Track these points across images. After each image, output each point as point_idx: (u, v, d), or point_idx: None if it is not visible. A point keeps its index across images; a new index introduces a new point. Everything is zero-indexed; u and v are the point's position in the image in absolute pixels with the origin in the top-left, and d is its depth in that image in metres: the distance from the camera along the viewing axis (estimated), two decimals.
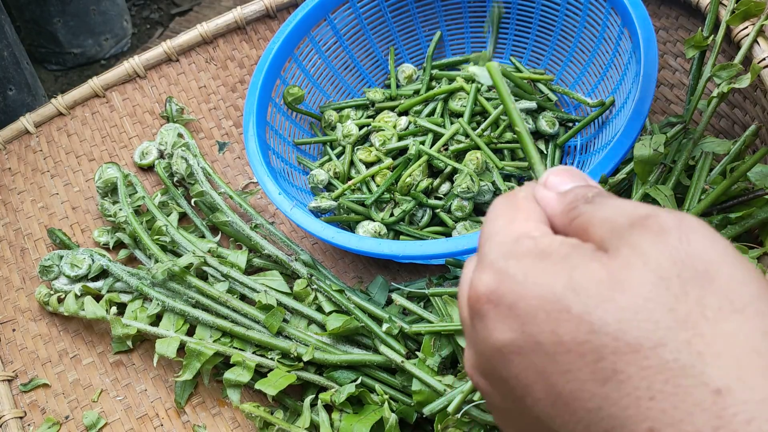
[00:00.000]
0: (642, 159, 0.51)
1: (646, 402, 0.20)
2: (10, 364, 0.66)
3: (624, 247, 0.23)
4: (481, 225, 0.64)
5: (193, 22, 1.52)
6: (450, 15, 0.77)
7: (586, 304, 0.22)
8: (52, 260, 0.68)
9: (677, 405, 0.20)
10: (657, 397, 0.20)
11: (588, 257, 0.23)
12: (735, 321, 0.20)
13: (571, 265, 0.23)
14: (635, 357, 0.20)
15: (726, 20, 0.58)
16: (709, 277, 0.21)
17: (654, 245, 0.22)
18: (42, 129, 0.79)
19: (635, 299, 0.21)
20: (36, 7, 1.39)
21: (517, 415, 0.25)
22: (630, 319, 0.21)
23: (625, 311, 0.21)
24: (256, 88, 0.67)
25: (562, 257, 0.23)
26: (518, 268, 0.24)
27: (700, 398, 0.19)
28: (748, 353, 0.20)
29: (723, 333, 0.20)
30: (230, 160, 0.78)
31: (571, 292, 0.22)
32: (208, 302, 0.62)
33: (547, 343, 0.22)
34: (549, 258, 0.24)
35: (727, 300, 0.21)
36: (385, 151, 0.69)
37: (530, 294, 0.23)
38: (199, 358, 0.59)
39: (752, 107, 0.59)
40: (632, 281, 0.21)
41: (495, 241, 0.26)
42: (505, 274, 0.24)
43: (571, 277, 0.22)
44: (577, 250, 0.24)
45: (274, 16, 0.81)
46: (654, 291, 0.21)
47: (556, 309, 0.22)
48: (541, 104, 0.69)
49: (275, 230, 0.66)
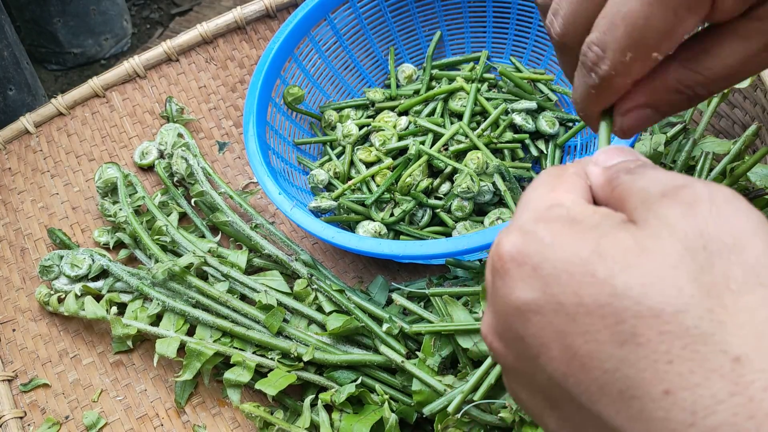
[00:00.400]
0: None
1: (664, 365, 0.20)
2: (10, 364, 0.66)
3: (653, 218, 0.23)
4: (481, 225, 0.64)
5: (193, 22, 1.52)
6: (450, 15, 0.77)
7: (611, 269, 0.22)
8: (52, 260, 0.68)
9: (694, 369, 0.20)
10: (675, 361, 0.20)
11: (617, 227, 0.23)
12: (759, 294, 0.21)
13: (600, 233, 0.23)
14: (656, 321, 0.21)
15: None
16: (737, 250, 0.21)
17: (683, 216, 0.22)
18: (42, 129, 0.79)
19: (660, 266, 0.21)
20: (36, 7, 1.39)
21: (529, 375, 0.25)
22: (654, 284, 0.21)
23: (649, 276, 0.21)
24: (256, 88, 0.67)
25: (592, 226, 0.24)
26: (547, 231, 0.24)
27: (718, 365, 0.20)
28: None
29: (746, 305, 0.20)
30: (230, 160, 0.78)
31: (597, 257, 0.23)
32: (208, 302, 0.62)
33: (569, 304, 0.22)
34: (579, 225, 0.24)
35: (753, 273, 0.21)
36: (385, 151, 0.69)
37: (556, 257, 0.23)
38: (199, 358, 0.59)
39: (752, 107, 0.59)
40: (659, 250, 0.22)
41: (529, 207, 0.26)
42: (533, 235, 0.24)
43: (598, 244, 0.23)
44: (607, 220, 0.24)
45: (274, 16, 0.81)
46: (680, 260, 0.21)
47: (581, 272, 0.22)
48: (541, 104, 0.69)
49: (275, 230, 0.66)
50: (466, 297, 0.54)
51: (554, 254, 0.23)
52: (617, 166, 0.27)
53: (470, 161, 0.63)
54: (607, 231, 0.23)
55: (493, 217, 0.63)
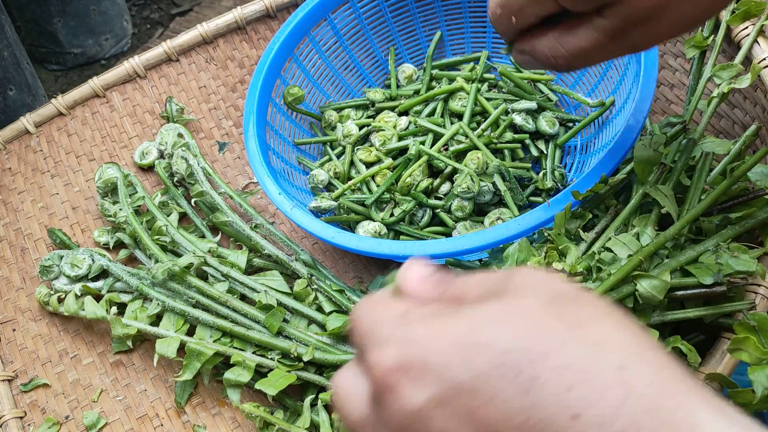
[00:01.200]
0: (642, 159, 0.51)
1: (566, 394, 0.23)
2: (10, 364, 0.66)
3: (506, 290, 0.26)
4: (481, 225, 0.64)
5: (193, 22, 1.52)
6: (450, 15, 0.77)
7: (492, 333, 0.24)
8: (53, 260, 0.68)
9: (592, 387, 0.23)
10: (574, 387, 0.23)
11: (479, 303, 0.26)
12: (611, 320, 0.25)
13: (468, 312, 0.25)
14: (547, 360, 0.23)
15: (726, 20, 0.58)
16: (579, 299, 0.26)
17: (531, 281, 0.26)
18: (42, 129, 0.79)
19: (531, 318, 0.25)
20: (36, 7, 1.39)
21: None
22: (535, 331, 0.24)
23: (528, 327, 0.24)
24: (256, 88, 0.67)
25: (455, 310, 0.26)
26: (419, 330, 0.25)
27: (608, 377, 0.23)
28: (631, 336, 0.24)
29: (606, 329, 0.25)
30: (230, 160, 0.78)
31: (475, 328, 0.25)
32: (208, 302, 0.62)
33: (467, 380, 0.24)
34: (442, 315, 0.26)
35: (597, 310, 0.25)
36: (385, 151, 0.69)
37: (439, 346, 0.25)
38: (199, 358, 0.59)
39: (752, 107, 0.59)
40: (523, 307, 0.25)
41: (382, 324, 0.27)
42: (408, 340, 0.25)
43: (471, 319, 0.25)
44: (466, 304, 0.26)
45: (274, 16, 0.81)
46: (543, 310, 0.25)
47: (468, 347, 0.24)
48: (541, 104, 0.69)
49: (275, 230, 0.66)
50: None
51: (436, 344, 0.25)
52: (437, 275, 0.30)
53: (470, 161, 0.63)
54: (473, 309, 0.25)
55: (493, 217, 0.63)
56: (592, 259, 0.49)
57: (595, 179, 0.53)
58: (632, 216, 0.51)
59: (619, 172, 0.56)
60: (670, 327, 0.50)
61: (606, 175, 0.52)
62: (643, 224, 0.50)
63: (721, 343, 0.47)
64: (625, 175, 0.55)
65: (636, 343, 0.24)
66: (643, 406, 0.22)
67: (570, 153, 0.70)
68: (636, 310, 0.47)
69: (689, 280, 0.47)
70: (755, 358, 0.43)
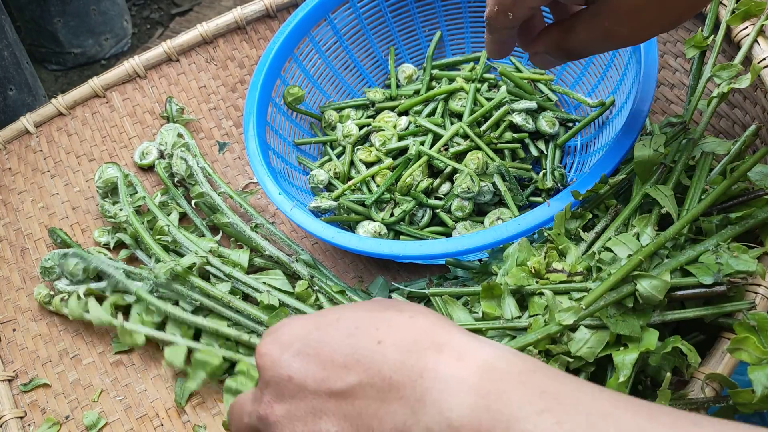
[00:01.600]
0: (642, 159, 0.51)
1: (374, 332, 0.34)
2: (11, 364, 0.66)
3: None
4: (481, 225, 0.64)
5: (193, 22, 1.52)
6: (450, 15, 0.77)
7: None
8: (53, 260, 0.68)
9: (389, 327, 0.34)
10: (379, 328, 0.34)
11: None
12: (446, 353, 0.33)
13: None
14: (360, 322, 0.35)
15: (726, 20, 0.58)
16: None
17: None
18: (42, 129, 0.79)
19: (389, 353, 0.34)
20: (36, 7, 1.39)
21: None
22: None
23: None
24: (256, 88, 0.67)
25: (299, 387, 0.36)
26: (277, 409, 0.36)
27: (400, 322, 0.35)
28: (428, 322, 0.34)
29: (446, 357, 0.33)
30: (230, 160, 0.78)
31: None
32: (211, 304, 0.62)
33: (317, 336, 0.36)
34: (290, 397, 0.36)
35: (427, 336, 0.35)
36: (385, 151, 0.69)
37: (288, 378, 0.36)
38: (205, 367, 0.58)
39: (752, 107, 0.59)
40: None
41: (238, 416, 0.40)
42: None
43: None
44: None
45: (274, 16, 0.81)
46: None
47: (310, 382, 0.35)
48: (541, 104, 0.69)
49: (275, 230, 0.66)
50: (466, 297, 0.54)
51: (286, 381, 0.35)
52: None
53: (470, 161, 0.63)
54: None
55: (493, 217, 0.63)
56: (592, 259, 0.49)
57: (595, 179, 0.53)
58: (632, 216, 0.51)
59: (619, 172, 0.56)
60: (670, 327, 0.50)
61: (606, 175, 0.52)
62: (643, 224, 0.50)
63: (721, 343, 0.47)
64: (625, 175, 0.55)
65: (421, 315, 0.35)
66: (424, 335, 0.33)
67: (570, 153, 0.70)
68: (636, 310, 0.47)
69: (689, 280, 0.47)
70: (755, 358, 0.43)
